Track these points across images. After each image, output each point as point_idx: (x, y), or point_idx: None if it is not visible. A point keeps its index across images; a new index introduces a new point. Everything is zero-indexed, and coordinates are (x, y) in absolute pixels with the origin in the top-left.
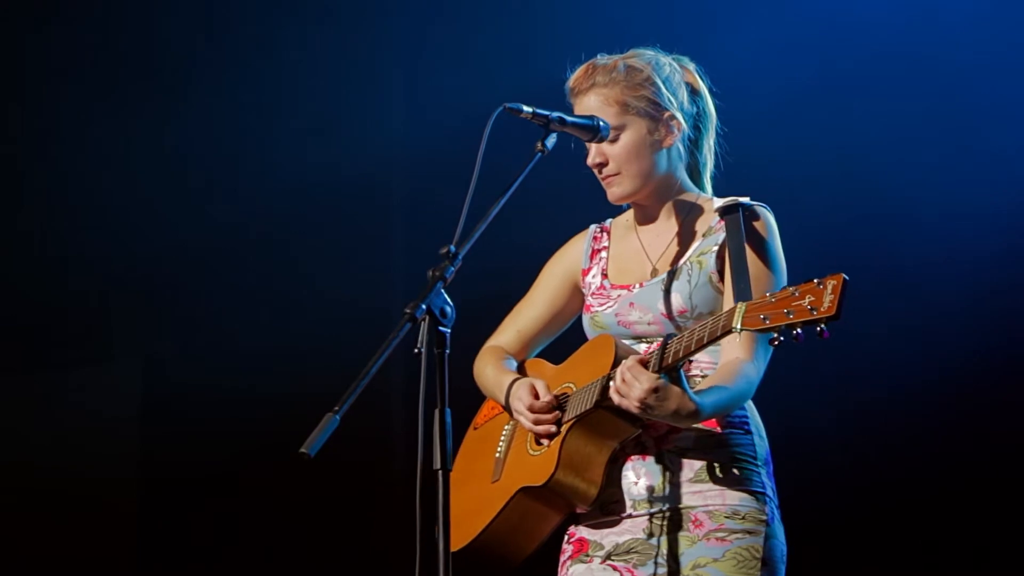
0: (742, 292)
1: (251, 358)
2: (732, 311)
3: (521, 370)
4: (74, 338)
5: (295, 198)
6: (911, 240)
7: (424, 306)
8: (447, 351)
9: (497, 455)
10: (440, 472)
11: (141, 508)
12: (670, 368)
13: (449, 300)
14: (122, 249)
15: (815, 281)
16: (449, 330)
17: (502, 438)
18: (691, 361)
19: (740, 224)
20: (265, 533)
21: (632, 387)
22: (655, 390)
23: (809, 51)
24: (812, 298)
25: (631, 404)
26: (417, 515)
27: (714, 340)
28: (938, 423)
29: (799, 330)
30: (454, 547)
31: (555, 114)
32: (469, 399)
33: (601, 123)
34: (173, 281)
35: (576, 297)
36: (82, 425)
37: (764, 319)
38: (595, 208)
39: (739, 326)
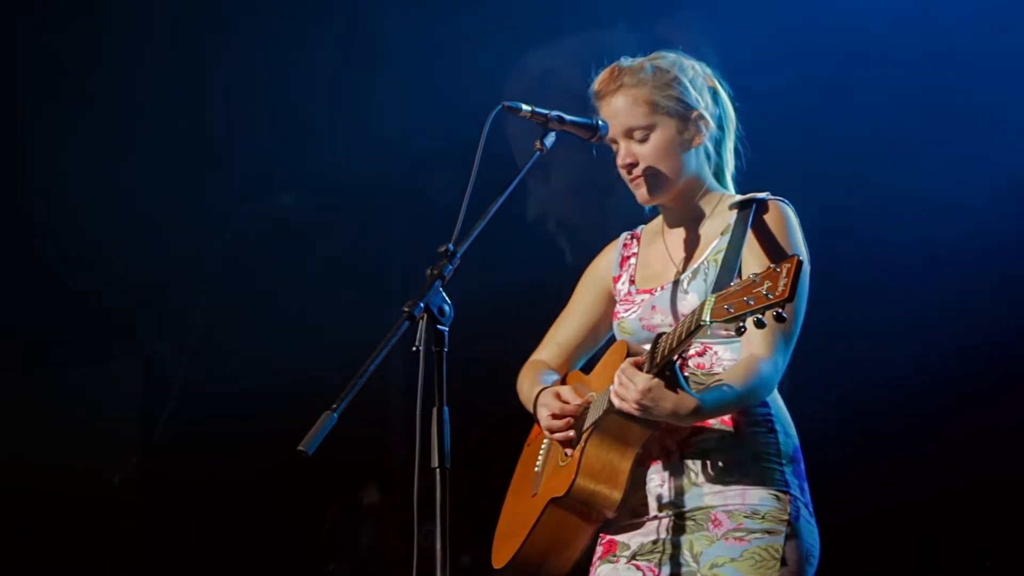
0: (720, 285)
1: (251, 358)
2: (702, 304)
3: (564, 383)
4: (74, 338)
5: (294, 198)
6: (911, 240)
7: (422, 304)
8: (445, 349)
9: (536, 469)
10: (438, 470)
11: (141, 508)
12: (663, 367)
13: (447, 298)
14: (122, 249)
15: (772, 267)
16: (447, 328)
17: (541, 452)
18: (684, 359)
19: (748, 219)
20: (265, 533)
21: (628, 389)
22: (649, 390)
23: (808, 50)
24: (770, 283)
25: (629, 407)
26: (415, 514)
27: (691, 335)
28: (938, 423)
29: (760, 316)
30: (500, 563)
31: (554, 113)
32: (467, 398)
33: (600, 122)
34: (173, 281)
35: (612, 306)
36: (82, 425)
37: (728, 309)
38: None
39: (708, 318)
